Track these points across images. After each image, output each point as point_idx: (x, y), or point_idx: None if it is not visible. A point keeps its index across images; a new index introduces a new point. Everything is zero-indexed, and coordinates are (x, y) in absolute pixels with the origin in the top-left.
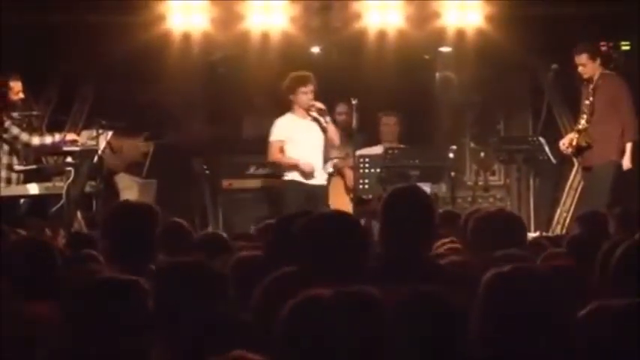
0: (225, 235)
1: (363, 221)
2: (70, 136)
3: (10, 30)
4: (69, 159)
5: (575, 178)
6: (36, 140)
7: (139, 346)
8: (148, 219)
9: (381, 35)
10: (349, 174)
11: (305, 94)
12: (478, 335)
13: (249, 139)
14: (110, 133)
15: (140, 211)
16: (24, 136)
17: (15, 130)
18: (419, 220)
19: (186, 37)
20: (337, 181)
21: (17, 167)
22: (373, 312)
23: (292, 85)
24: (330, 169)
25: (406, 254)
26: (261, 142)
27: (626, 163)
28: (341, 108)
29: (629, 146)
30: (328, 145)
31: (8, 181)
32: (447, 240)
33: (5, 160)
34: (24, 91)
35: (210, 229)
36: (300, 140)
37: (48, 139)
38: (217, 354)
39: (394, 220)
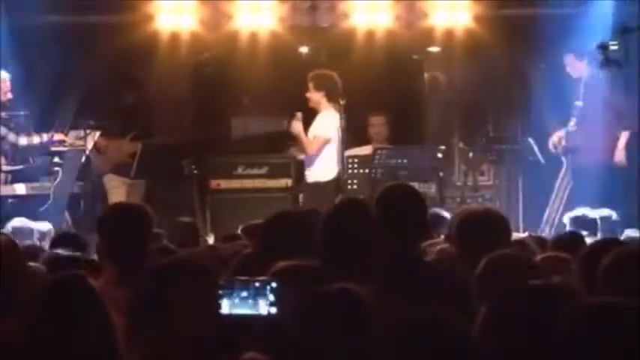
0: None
1: None
2: (58, 136)
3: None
4: (56, 159)
5: (564, 178)
6: (23, 140)
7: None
8: (142, 220)
9: (370, 35)
10: None
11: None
12: None
13: (237, 139)
14: (98, 134)
15: (135, 211)
16: (11, 137)
17: (2, 131)
18: (411, 218)
19: (175, 37)
20: None
21: (5, 167)
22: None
23: None
24: None
25: (399, 252)
26: (250, 142)
27: (619, 155)
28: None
29: (624, 135)
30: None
31: None
32: (439, 240)
33: None
34: (12, 91)
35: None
36: None
37: (36, 139)
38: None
39: (387, 218)
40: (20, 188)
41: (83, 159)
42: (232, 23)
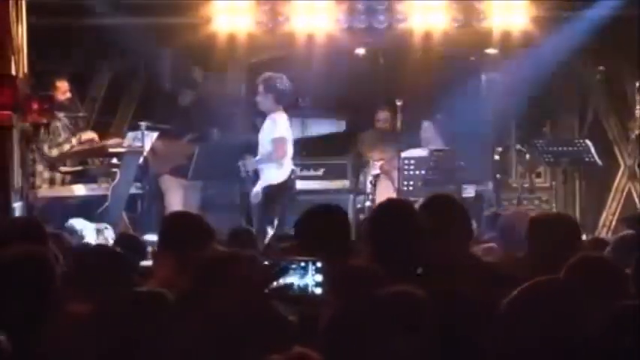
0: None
1: None
2: (86, 136)
3: (59, 31)
4: (114, 160)
5: (621, 180)
6: (55, 152)
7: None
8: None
9: (427, 36)
10: (396, 176)
11: None
12: None
13: (293, 140)
14: (155, 135)
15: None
16: (45, 149)
17: (45, 147)
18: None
19: (232, 39)
20: (384, 183)
21: (63, 168)
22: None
23: None
24: (377, 171)
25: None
26: (306, 144)
27: None
28: (380, 115)
29: None
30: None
31: (52, 181)
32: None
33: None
34: (71, 91)
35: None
36: None
37: (66, 147)
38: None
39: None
40: (79, 189)
41: (141, 160)
42: (289, 25)
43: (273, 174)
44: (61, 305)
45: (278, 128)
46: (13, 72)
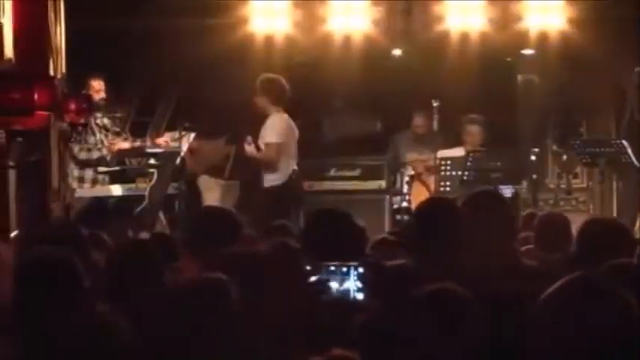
0: None
1: None
2: (118, 146)
3: (96, 33)
4: (152, 161)
5: None
6: (83, 155)
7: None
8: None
9: (463, 38)
10: (430, 179)
11: None
12: None
13: (329, 141)
14: (193, 135)
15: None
16: (76, 150)
17: (75, 148)
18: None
19: (269, 40)
20: (419, 185)
21: (101, 168)
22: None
23: None
24: (412, 171)
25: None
26: (342, 144)
27: None
28: (416, 121)
29: None
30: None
31: (80, 179)
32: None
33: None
34: (106, 91)
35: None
36: None
37: (95, 154)
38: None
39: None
40: (116, 189)
41: (178, 160)
42: (326, 26)
43: (270, 176)
44: (88, 306)
45: (267, 132)
46: (51, 72)
